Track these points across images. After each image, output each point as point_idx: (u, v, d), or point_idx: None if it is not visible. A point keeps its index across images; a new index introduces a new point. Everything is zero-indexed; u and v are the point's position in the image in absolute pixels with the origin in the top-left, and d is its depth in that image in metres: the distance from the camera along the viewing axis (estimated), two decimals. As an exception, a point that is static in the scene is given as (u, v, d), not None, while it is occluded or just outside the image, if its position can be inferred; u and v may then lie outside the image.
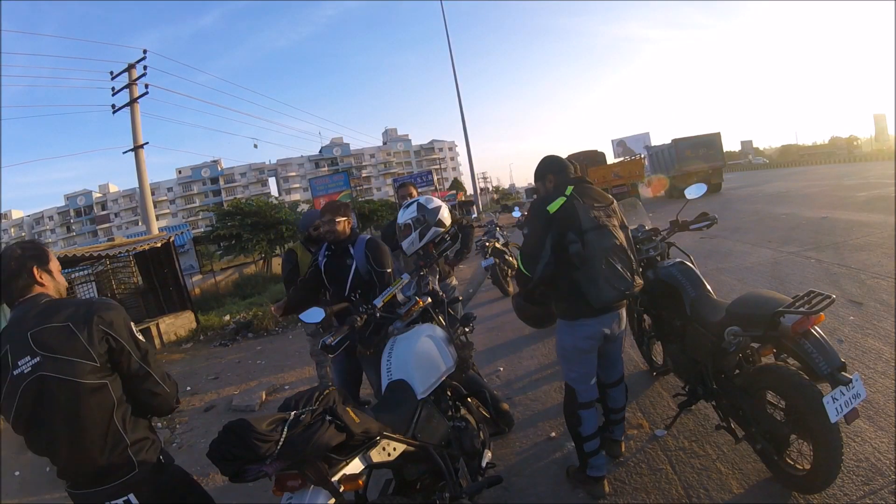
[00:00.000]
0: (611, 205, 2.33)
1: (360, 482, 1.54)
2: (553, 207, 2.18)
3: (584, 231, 2.15)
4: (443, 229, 2.78)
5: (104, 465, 1.45)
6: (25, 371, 1.38)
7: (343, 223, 2.76)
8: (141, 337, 1.53)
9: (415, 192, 3.80)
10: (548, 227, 2.17)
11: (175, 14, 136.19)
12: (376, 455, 1.65)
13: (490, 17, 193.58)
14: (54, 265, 1.58)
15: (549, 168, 2.41)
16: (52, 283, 1.55)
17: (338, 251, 2.79)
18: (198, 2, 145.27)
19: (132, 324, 1.52)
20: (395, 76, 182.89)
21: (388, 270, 2.79)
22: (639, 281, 2.30)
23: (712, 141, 19.39)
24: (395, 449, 1.74)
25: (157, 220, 16.52)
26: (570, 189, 2.24)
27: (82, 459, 1.46)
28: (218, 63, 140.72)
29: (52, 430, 1.43)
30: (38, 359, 1.38)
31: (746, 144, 75.78)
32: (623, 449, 2.62)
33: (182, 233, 18.90)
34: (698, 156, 19.08)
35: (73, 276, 11.44)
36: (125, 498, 1.45)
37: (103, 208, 70.94)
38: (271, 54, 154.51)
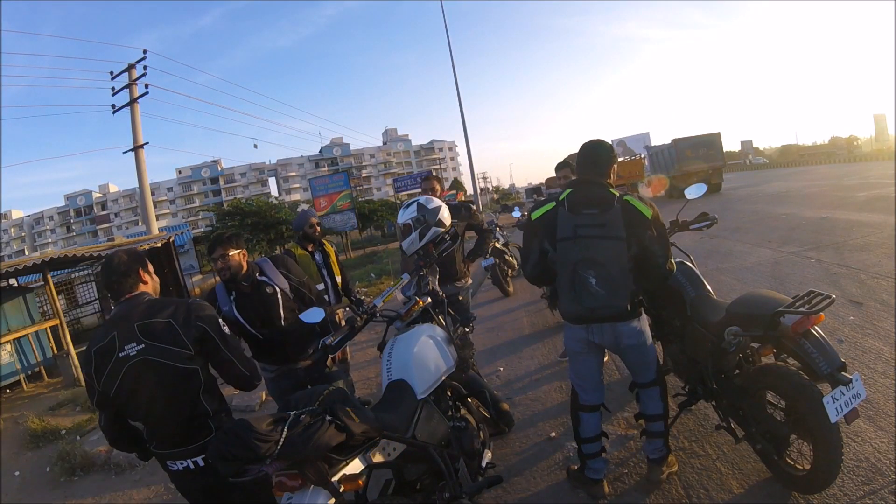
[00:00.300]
0: (606, 212, 2.12)
1: (360, 482, 1.54)
2: (536, 215, 2.27)
3: (557, 240, 2.17)
4: (443, 229, 2.78)
5: (188, 431, 1.75)
6: (131, 354, 1.68)
7: (238, 255, 2.49)
8: (227, 330, 1.86)
9: (437, 186, 3.76)
10: (533, 233, 2.29)
11: (175, 14, 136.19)
12: (376, 455, 1.65)
13: (490, 16, 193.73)
14: (150, 269, 1.91)
15: (575, 162, 2.40)
16: (151, 282, 1.89)
17: (243, 289, 2.54)
18: (198, 2, 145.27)
19: (220, 320, 1.86)
20: (395, 76, 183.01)
21: (306, 279, 2.81)
22: (620, 302, 2.07)
23: (712, 141, 19.40)
24: (395, 449, 1.74)
25: (157, 220, 16.52)
26: (565, 194, 2.22)
27: (171, 426, 1.76)
28: (218, 63, 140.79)
29: (149, 403, 1.73)
30: (143, 345, 1.68)
31: (746, 144, 75.77)
32: (665, 475, 2.31)
33: (182, 233, 18.91)
34: (698, 156, 19.09)
35: (73, 276, 11.45)
36: (203, 456, 1.75)
37: (103, 208, 70.94)
38: (271, 54, 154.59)
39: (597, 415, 2.34)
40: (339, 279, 3.90)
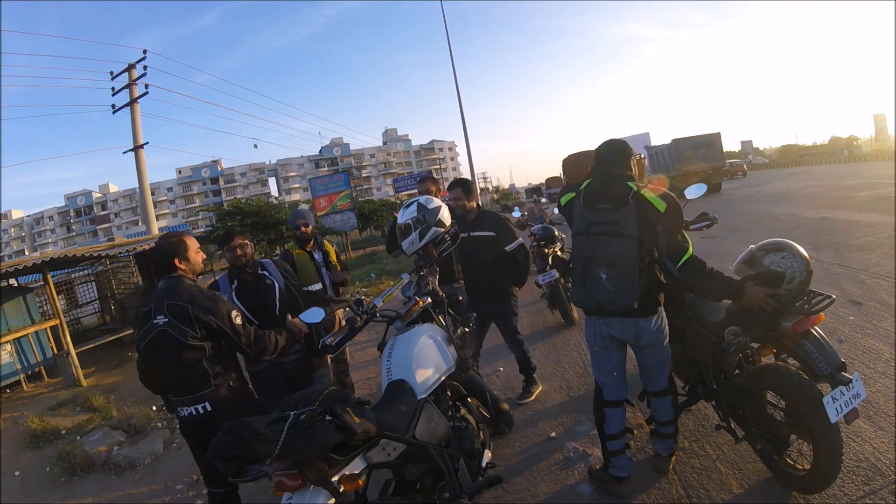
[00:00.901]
0: (620, 208, 2.08)
1: (360, 482, 1.54)
2: (563, 201, 2.36)
3: (573, 234, 2.25)
4: (443, 229, 2.78)
5: (192, 384, 2.15)
6: (159, 323, 2.10)
7: (250, 245, 2.82)
8: (238, 321, 2.22)
9: (433, 188, 3.73)
10: (569, 220, 2.34)
11: (174, 14, 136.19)
12: (376, 455, 1.65)
13: (490, 16, 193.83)
14: (190, 254, 2.27)
15: (595, 155, 2.33)
16: (188, 265, 2.27)
17: (246, 278, 2.79)
18: (197, 1, 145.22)
19: (232, 311, 2.22)
20: (394, 76, 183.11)
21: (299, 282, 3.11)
22: (627, 299, 2.05)
23: (712, 141, 19.40)
24: (395, 449, 1.74)
25: (157, 220, 16.51)
26: (585, 185, 2.25)
27: (178, 381, 2.17)
28: (217, 63, 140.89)
29: (163, 363, 2.16)
30: (167, 319, 2.10)
31: (746, 144, 75.83)
32: (671, 467, 2.42)
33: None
34: (698, 156, 19.10)
35: (73, 276, 11.44)
36: (203, 405, 2.15)
37: (103, 208, 70.93)
38: (271, 54, 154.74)
39: (621, 410, 2.33)
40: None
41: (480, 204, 3.81)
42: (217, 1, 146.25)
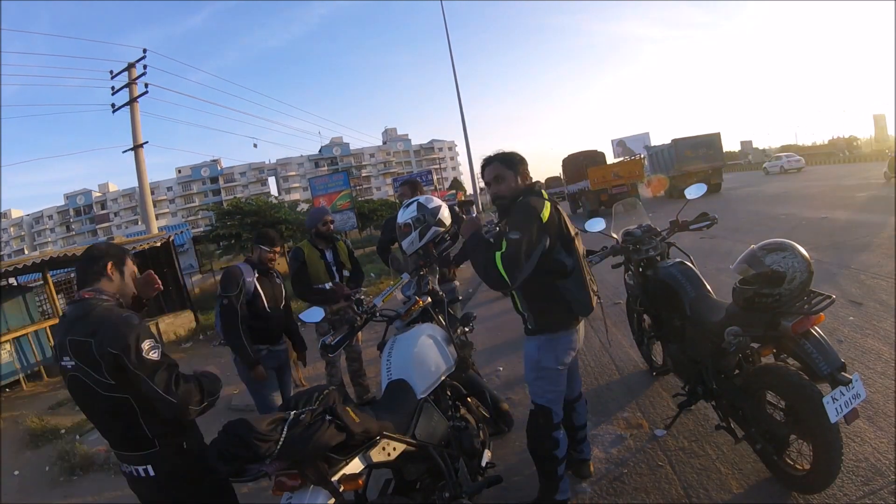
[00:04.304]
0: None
1: (360, 482, 1.54)
2: (545, 215, 2.00)
3: (570, 239, 2.08)
4: (443, 229, 2.78)
5: (130, 442, 1.66)
6: (68, 367, 1.60)
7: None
8: (152, 355, 1.57)
9: (418, 193, 3.74)
10: (541, 237, 1.98)
11: (166, 13, 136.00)
12: (376, 455, 1.65)
13: (490, 16, 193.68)
14: (127, 269, 1.78)
15: (523, 161, 2.21)
16: (117, 280, 1.75)
17: (266, 272, 3.11)
18: (189, 1, 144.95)
19: (146, 342, 1.57)
20: (394, 76, 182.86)
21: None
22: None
23: (712, 141, 19.43)
24: (395, 449, 1.74)
25: (157, 219, 16.51)
26: (546, 194, 2.15)
27: (113, 438, 1.72)
28: (217, 63, 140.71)
29: (91, 415, 1.71)
30: (73, 362, 1.57)
31: (746, 144, 75.71)
32: (592, 469, 2.51)
33: (182, 232, 18.86)
34: (698, 156, 19.12)
35: (72, 275, 11.44)
36: (144, 467, 1.65)
37: (103, 207, 70.90)
38: (270, 54, 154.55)
39: (563, 430, 2.25)
40: (346, 274, 3.81)
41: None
42: (209, 1, 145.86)
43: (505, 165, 2.16)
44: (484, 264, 1.96)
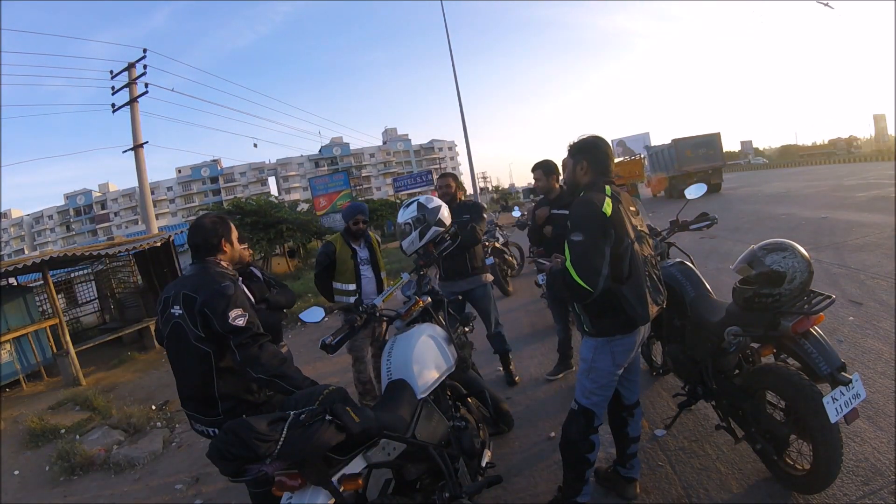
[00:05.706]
0: (638, 211, 2.09)
1: (360, 482, 1.54)
2: (608, 210, 1.85)
3: (632, 240, 1.91)
4: (443, 229, 2.78)
5: (202, 403, 1.90)
6: (175, 314, 1.89)
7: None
8: (239, 322, 1.80)
9: (454, 184, 3.80)
10: (606, 234, 1.84)
11: (168, 13, 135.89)
12: (376, 455, 1.65)
13: (489, 15, 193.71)
14: (234, 235, 2.04)
15: (589, 151, 2.03)
16: (231, 251, 2.04)
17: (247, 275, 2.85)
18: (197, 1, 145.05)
19: (233, 310, 1.81)
20: (394, 75, 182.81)
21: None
22: (665, 291, 2.08)
23: (712, 141, 19.40)
24: (395, 449, 1.74)
25: (157, 219, 16.50)
26: (609, 189, 1.94)
27: (189, 391, 1.93)
28: (217, 63, 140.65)
29: (177, 362, 1.95)
30: (182, 311, 1.86)
31: (746, 144, 75.82)
32: (638, 490, 2.29)
33: (182, 232, 18.71)
34: (698, 156, 19.09)
35: (72, 275, 11.44)
36: (212, 430, 1.89)
37: (103, 207, 70.87)
38: (269, 54, 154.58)
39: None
40: (384, 276, 3.66)
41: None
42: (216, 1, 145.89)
43: (569, 155, 2.13)
44: (562, 279, 1.86)
